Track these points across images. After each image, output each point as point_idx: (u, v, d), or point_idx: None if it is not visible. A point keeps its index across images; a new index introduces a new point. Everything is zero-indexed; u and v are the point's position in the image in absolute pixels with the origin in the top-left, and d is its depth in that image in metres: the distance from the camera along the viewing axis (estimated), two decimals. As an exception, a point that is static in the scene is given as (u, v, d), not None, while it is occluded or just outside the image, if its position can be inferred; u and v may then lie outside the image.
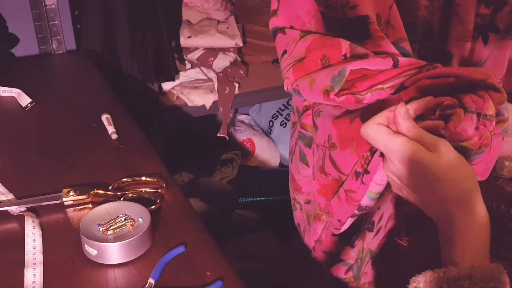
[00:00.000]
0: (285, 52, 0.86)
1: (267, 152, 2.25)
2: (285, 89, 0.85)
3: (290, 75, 0.83)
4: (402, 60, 0.76)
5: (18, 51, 1.74)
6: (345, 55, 0.79)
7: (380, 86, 0.75)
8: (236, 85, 1.82)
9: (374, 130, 0.69)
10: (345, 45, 0.79)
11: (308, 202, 1.09)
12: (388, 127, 0.69)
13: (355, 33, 0.79)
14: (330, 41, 0.81)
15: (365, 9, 0.78)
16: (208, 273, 0.81)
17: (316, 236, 1.07)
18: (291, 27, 0.87)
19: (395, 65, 0.76)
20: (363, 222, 1.01)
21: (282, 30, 0.88)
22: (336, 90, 0.75)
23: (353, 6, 0.79)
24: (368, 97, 0.75)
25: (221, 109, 1.80)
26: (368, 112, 0.76)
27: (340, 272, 1.04)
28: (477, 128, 0.70)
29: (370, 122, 0.69)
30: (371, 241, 1.02)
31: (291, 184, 1.11)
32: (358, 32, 0.79)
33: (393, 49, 0.78)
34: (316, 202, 1.05)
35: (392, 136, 0.67)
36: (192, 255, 0.84)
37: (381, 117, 0.69)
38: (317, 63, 0.81)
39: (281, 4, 0.90)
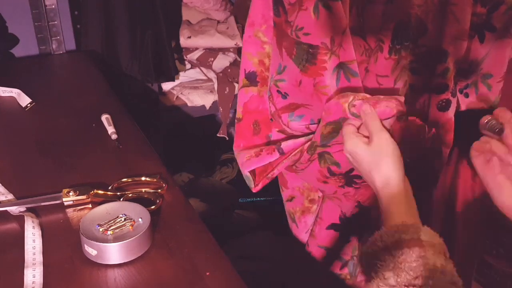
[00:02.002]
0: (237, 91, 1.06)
1: (267, 152, 2.24)
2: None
3: (235, 139, 1.05)
4: (285, 147, 0.97)
5: (18, 51, 1.73)
6: (271, 119, 1.00)
7: (271, 173, 1.00)
8: (236, 85, 1.82)
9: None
10: (271, 109, 0.98)
11: (291, 199, 1.09)
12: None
13: (303, 55, 0.89)
14: (262, 105, 1.01)
15: (318, 38, 0.87)
16: (208, 273, 0.81)
17: (307, 227, 1.08)
18: (251, 24, 0.98)
19: (281, 153, 0.97)
20: (359, 219, 1.02)
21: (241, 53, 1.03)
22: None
23: (306, 33, 0.87)
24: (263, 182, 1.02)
25: (221, 109, 1.80)
26: None
27: (335, 267, 1.05)
28: None
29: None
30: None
31: (279, 179, 1.11)
32: (307, 56, 0.89)
33: (330, 80, 0.89)
34: (302, 197, 1.06)
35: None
36: (192, 255, 0.84)
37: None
38: (249, 128, 1.03)
39: (252, 2, 0.97)
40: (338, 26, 0.86)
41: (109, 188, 0.97)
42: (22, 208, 0.92)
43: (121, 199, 0.95)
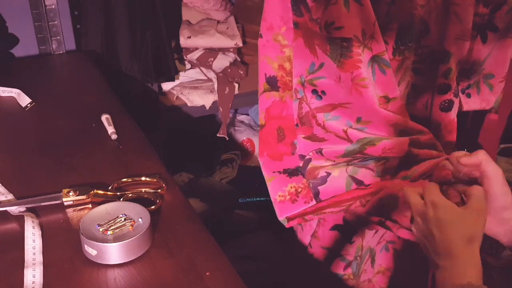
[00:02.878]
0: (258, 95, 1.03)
1: (267, 152, 2.24)
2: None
3: (260, 147, 1.02)
4: (323, 192, 0.94)
5: (18, 51, 1.73)
6: (297, 124, 0.98)
7: (308, 216, 0.99)
8: (236, 85, 1.82)
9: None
10: (303, 111, 0.96)
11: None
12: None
13: (337, 51, 0.87)
14: (286, 111, 0.98)
15: (351, 31, 0.85)
16: (208, 273, 0.80)
17: (312, 230, 1.07)
18: (269, 28, 0.96)
19: (319, 200, 0.96)
20: (362, 220, 1.02)
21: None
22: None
23: (338, 27, 0.86)
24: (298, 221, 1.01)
25: (221, 109, 1.80)
26: None
27: (339, 268, 1.04)
28: None
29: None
30: (371, 239, 1.02)
31: None
32: (341, 51, 0.87)
33: (366, 73, 0.87)
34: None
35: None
36: (192, 255, 0.84)
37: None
38: (273, 134, 1.00)
39: (265, 5, 0.95)
40: (368, 18, 0.85)
41: (109, 188, 0.97)
42: (22, 208, 0.92)
43: (121, 199, 0.95)
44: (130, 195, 0.96)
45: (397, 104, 0.91)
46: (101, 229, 0.84)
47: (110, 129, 1.18)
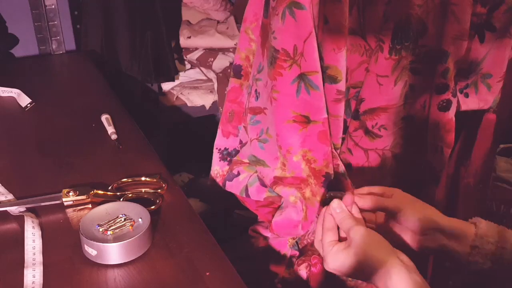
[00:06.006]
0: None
1: (267, 152, 2.24)
2: None
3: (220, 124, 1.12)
4: (228, 186, 1.10)
5: (18, 51, 1.73)
6: (244, 113, 1.04)
7: None
8: (236, 85, 1.82)
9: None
10: (246, 105, 1.03)
11: None
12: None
13: (270, 57, 0.91)
14: (241, 98, 1.07)
15: (282, 43, 0.87)
16: (208, 273, 0.81)
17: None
18: (244, 21, 1.02)
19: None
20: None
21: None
22: None
23: (275, 37, 0.89)
24: None
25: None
26: None
27: None
28: None
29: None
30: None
31: None
32: (271, 59, 0.90)
33: (287, 88, 0.90)
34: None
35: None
36: (192, 255, 0.84)
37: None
38: (226, 115, 1.11)
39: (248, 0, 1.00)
40: (301, 35, 0.86)
41: (109, 188, 0.97)
42: (22, 208, 0.92)
43: (121, 199, 0.95)
44: (130, 195, 0.96)
45: (318, 128, 0.92)
46: (101, 229, 0.84)
47: (110, 129, 1.18)
